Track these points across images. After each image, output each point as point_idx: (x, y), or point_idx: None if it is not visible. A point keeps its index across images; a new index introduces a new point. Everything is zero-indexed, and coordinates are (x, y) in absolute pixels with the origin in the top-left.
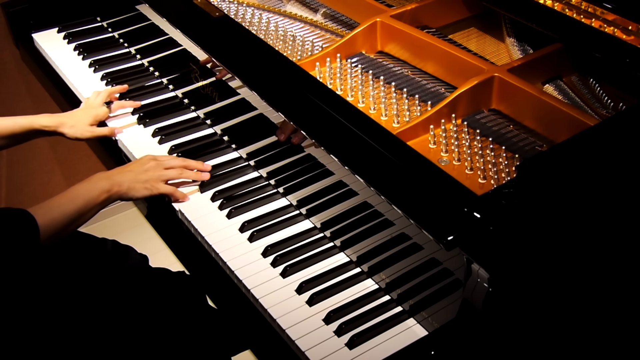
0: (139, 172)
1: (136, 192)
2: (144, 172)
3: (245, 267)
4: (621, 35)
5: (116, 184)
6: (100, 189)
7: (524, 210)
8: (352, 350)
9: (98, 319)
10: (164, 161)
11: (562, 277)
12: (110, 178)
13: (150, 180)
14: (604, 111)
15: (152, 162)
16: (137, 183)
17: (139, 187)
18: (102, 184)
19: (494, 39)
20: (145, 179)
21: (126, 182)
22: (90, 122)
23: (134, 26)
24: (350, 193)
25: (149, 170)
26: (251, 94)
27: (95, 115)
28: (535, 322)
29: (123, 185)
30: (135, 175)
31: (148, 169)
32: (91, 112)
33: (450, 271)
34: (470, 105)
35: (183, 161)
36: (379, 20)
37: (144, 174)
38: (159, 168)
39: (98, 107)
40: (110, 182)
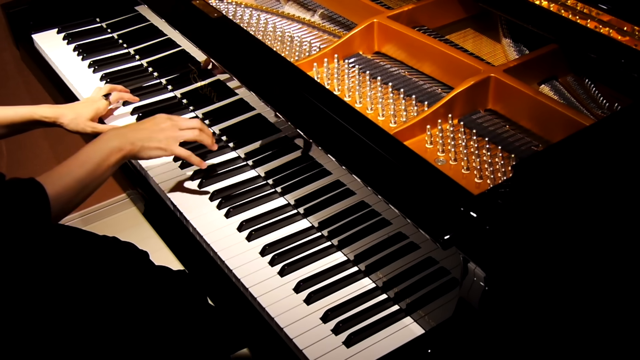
0: (153, 131)
1: (150, 151)
2: (160, 131)
3: (243, 266)
4: (616, 36)
5: (129, 142)
6: (111, 148)
7: (520, 210)
8: (350, 349)
9: (99, 314)
10: (180, 121)
11: (557, 275)
12: (124, 136)
13: (165, 140)
14: (600, 111)
15: (168, 121)
16: (151, 142)
17: (153, 146)
18: (113, 142)
19: (490, 39)
20: (160, 139)
21: (139, 141)
22: (91, 115)
23: (133, 27)
24: (347, 192)
25: (165, 129)
26: (249, 95)
27: (96, 109)
28: (531, 320)
29: (136, 144)
30: (150, 133)
31: (164, 128)
32: (92, 105)
33: (447, 270)
34: (467, 105)
35: (199, 123)
36: (376, 21)
37: (159, 133)
38: (174, 128)
39: (98, 100)
40: (122, 140)
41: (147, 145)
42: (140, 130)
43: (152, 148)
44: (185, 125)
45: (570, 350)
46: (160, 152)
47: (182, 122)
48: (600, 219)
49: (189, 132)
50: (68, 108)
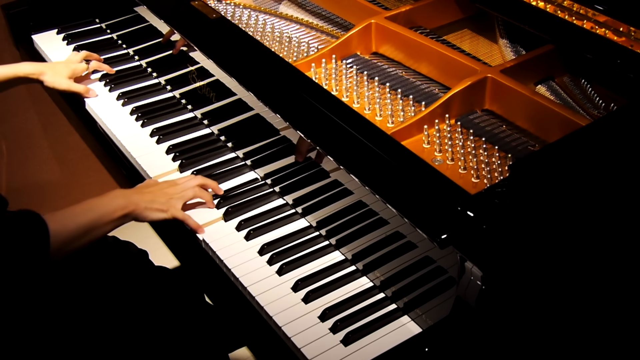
0: (156, 195)
1: (152, 214)
2: (162, 195)
3: (241, 265)
4: (612, 36)
5: (133, 204)
6: (117, 205)
7: (517, 209)
8: (347, 347)
9: (98, 311)
10: (182, 184)
11: (554, 274)
12: (129, 197)
13: (167, 204)
14: (596, 111)
15: (172, 187)
16: (153, 204)
17: (155, 208)
18: (119, 200)
19: (487, 40)
20: (163, 202)
21: (143, 203)
22: (69, 75)
23: (132, 28)
24: (345, 192)
25: (167, 194)
26: (248, 95)
27: (74, 69)
28: (528, 319)
29: (140, 205)
30: (153, 196)
31: (167, 193)
32: (71, 65)
33: (444, 269)
34: (464, 105)
35: (199, 180)
36: (374, 21)
37: (162, 197)
38: (177, 192)
39: (77, 62)
40: (127, 200)
41: (149, 208)
42: (145, 194)
43: (154, 210)
44: (186, 187)
45: (567, 348)
46: (162, 215)
47: (184, 184)
48: (596, 218)
49: (189, 192)
50: (48, 66)
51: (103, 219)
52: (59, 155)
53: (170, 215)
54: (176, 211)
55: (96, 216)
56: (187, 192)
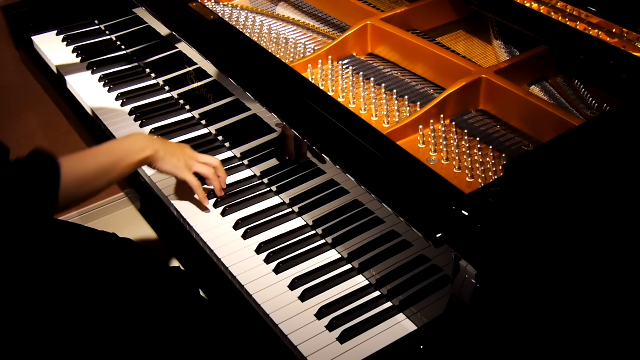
0: (176, 150)
1: (167, 164)
2: (182, 154)
3: (239, 264)
4: (605, 37)
5: (155, 148)
6: (139, 146)
7: (511, 208)
8: (343, 345)
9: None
10: (201, 155)
11: (547, 272)
12: (152, 141)
13: (184, 161)
14: (589, 111)
15: (192, 152)
16: (172, 157)
17: (172, 161)
18: (142, 142)
19: (481, 41)
20: (180, 157)
21: (163, 151)
22: None
23: (131, 29)
24: (341, 191)
25: (187, 155)
26: (245, 95)
27: None
28: (522, 316)
29: (160, 152)
30: (174, 150)
31: (186, 153)
32: None
33: (439, 267)
34: (458, 106)
35: (219, 166)
36: (370, 23)
37: (181, 154)
38: (193, 157)
39: None
40: (150, 143)
41: (167, 158)
42: (167, 144)
43: (171, 162)
44: (205, 160)
45: (561, 346)
46: (176, 169)
47: (203, 157)
48: (589, 217)
49: (204, 167)
50: None
51: (124, 161)
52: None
53: (182, 175)
54: (188, 172)
55: (117, 157)
56: (202, 166)
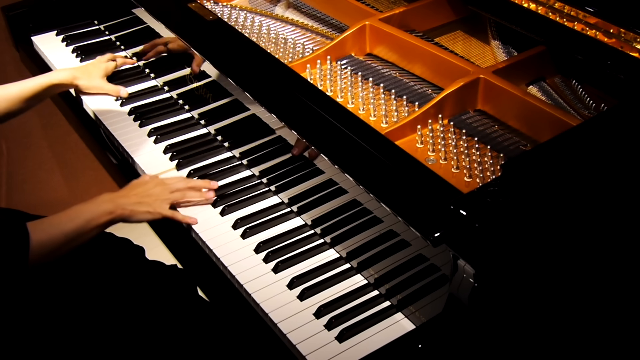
0: (143, 196)
1: (139, 215)
2: (148, 196)
3: (238, 263)
4: (603, 38)
5: (120, 207)
6: (103, 210)
7: (509, 208)
8: (342, 344)
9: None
10: (170, 185)
11: (545, 272)
12: (114, 201)
13: (154, 204)
14: (586, 112)
15: (158, 187)
16: (141, 207)
17: (142, 210)
18: (105, 206)
19: (479, 41)
20: (149, 202)
21: (129, 206)
22: (102, 74)
23: (130, 29)
24: (340, 191)
25: (153, 194)
26: (244, 95)
27: (105, 68)
28: (520, 316)
29: (126, 208)
30: (140, 199)
31: (152, 193)
32: (101, 65)
33: (437, 267)
34: (457, 106)
35: (188, 182)
36: (368, 23)
37: (148, 198)
38: (164, 192)
39: (106, 62)
40: (114, 204)
41: (136, 210)
42: (131, 196)
43: (141, 212)
44: (174, 188)
45: (558, 344)
46: (149, 216)
47: (172, 185)
48: (587, 216)
49: (177, 194)
50: (80, 70)
51: (89, 225)
52: (58, 155)
53: (159, 216)
54: (163, 210)
55: (82, 222)
56: (175, 194)
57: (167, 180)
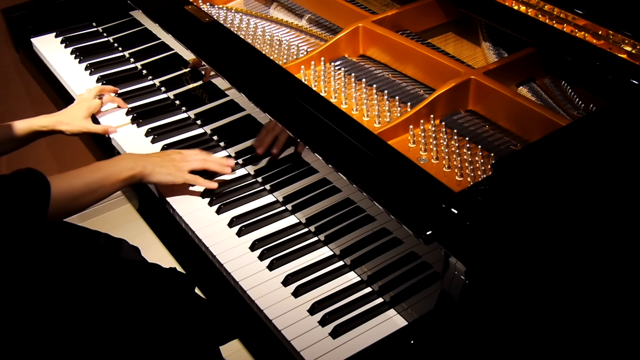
0: (164, 160)
1: (160, 175)
2: (169, 160)
3: (233, 260)
4: (591, 39)
5: (141, 165)
6: (124, 166)
7: (499, 206)
8: (336, 340)
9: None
10: (190, 154)
11: (535, 269)
12: (136, 159)
13: (174, 168)
14: (575, 112)
15: (178, 155)
16: (162, 168)
17: (163, 171)
18: (127, 162)
19: (470, 43)
20: (170, 166)
21: (151, 165)
22: (85, 115)
23: (128, 31)
24: (333, 190)
25: (174, 160)
26: (239, 96)
27: (88, 108)
28: (510, 312)
29: (147, 167)
30: (161, 161)
31: (173, 158)
32: (84, 104)
33: (429, 264)
34: (448, 106)
35: (207, 156)
36: (361, 25)
37: (169, 162)
38: (183, 159)
39: (91, 99)
40: (135, 162)
41: (158, 170)
42: (153, 157)
43: (162, 173)
44: (194, 158)
45: (548, 340)
46: (170, 177)
47: (192, 155)
48: (576, 214)
49: (196, 162)
50: (63, 114)
51: (110, 178)
52: (57, 154)
53: (180, 179)
54: (184, 174)
55: (104, 175)
56: (194, 163)
57: (185, 151)
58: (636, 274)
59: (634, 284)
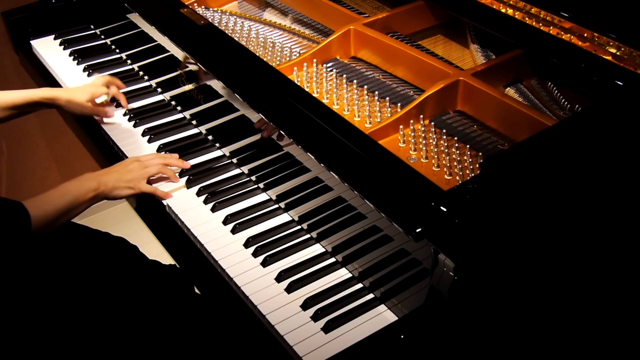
0: (122, 173)
1: (120, 191)
2: (127, 172)
3: (228, 257)
4: (577, 42)
5: (102, 184)
6: (88, 187)
7: (487, 204)
8: (328, 334)
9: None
10: (146, 161)
11: (522, 265)
12: (97, 178)
13: (133, 180)
14: (561, 112)
15: (135, 163)
16: (120, 182)
17: (123, 186)
18: (89, 183)
19: (459, 45)
20: (128, 179)
21: (111, 182)
22: (87, 97)
23: (125, 33)
24: (325, 188)
25: (132, 170)
26: (234, 97)
27: (92, 93)
28: (498, 307)
29: (108, 184)
30: (119, 175)
31: (131, 169)
32: (90, 88)
33: (419, 261)
34: (437, 107)
35: (163, 159)
36: (353, 27)
37: (127, 174)
38: (140, 168)
39: (98, 86)
40: (97, 182)
41: (117, 186)
42: (112, 174)
43: (122, 188)
44: (150, 163)
45: (536, 335)
46: (129, 191)
47: (148, 161)
48: (561, 212)
49: (152, 168)
50: (65, 91)
51: (77, 201)
52: (56, 154)
53: (139, 191)
54: (142, 186)
55: (71, 199)
56: (151, 169)
57: (143, 157)
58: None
59: (618, 280)
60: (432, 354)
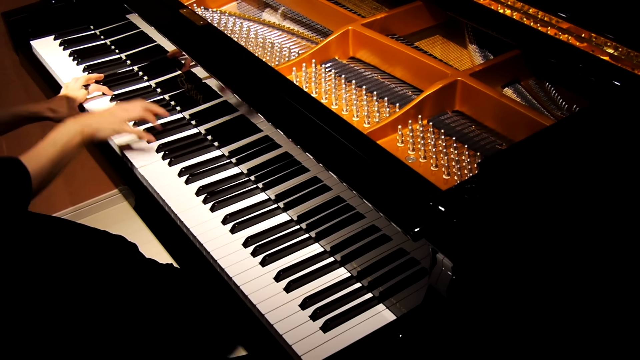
0: (104, 116)
1: (104, 132)
2: (109, 115)
3: (227, 257)
4: (575, 42)
5: (86, 125)
6: (74, 131)
7: (485, 204)
8: (326, 334)
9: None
10: (128, 105)
11: (519, 265)
12: (80, 121)
13: (116, 122)
14: (559, 112)
15: (117, 106)
16: (103, 124)
17: (106, 127)
18: (74, 126)
19: (457, 45)
20: (111, 120)
21: (94, 123)
22: (71, 104)
23: (125, 34)
24: (324, 188)
25: (114, 113)
26: (233, 97)
27: (74, 98)
28: (495, 307)
29: (92, 125)
30: (102, 118)
31: (113, 111)
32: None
33: (417, 260)
34: (436, 107)
35: (145, 105)
36: (351, 28)
37: (109, 116)
38: (122, 110)
39: (77, 90)
40: (80, 124)
41: (101, 127)
42: (95, 116)
43: (105, 129)
44: (131, 107)
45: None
46: (113, 132)
47: (130, 105)
48: (559, 211)
49: (134, 112)
50: (50, 102)
51: (67, 147)
52: None
53: (121, 130)
54: (125, 127)
55: (61, 146)
56: (132, 112)
57: (125, 102)
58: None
59: (617, 279)
60: (431, 353)
